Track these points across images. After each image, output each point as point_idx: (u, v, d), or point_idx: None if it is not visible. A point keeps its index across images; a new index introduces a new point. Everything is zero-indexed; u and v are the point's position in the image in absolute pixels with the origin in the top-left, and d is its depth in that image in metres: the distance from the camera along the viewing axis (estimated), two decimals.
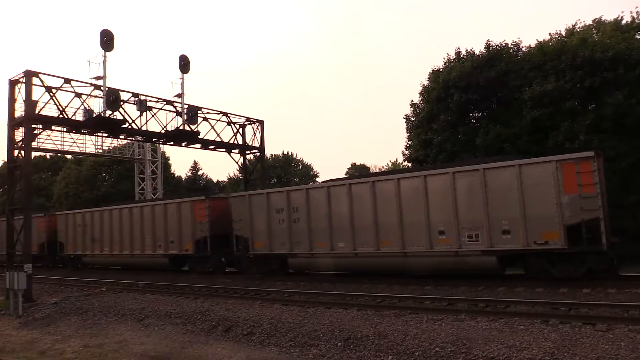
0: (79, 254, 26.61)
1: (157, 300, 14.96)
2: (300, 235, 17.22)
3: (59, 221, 28.08)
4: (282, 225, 17.74)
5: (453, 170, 14.18)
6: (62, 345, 11.36)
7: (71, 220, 27.28)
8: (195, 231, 20.57)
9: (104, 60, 18.62)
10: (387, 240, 15.28)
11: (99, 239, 25.26)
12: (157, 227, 22.27)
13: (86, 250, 26.09)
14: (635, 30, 22.47)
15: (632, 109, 18.99)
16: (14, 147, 17.84)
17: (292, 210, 17.45)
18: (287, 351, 9.41)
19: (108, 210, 25.26)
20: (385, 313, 10.84)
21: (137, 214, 23.46)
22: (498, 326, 9.02)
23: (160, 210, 22.27)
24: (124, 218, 24.16)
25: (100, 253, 25.26)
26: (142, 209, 23.28)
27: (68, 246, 27.28)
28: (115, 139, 28.87)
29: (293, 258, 17.57)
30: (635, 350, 7.21)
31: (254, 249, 18.53)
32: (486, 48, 23.74)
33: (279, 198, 18.03)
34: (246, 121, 25.56)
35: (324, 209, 16.66)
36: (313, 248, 16.86)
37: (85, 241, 26.09)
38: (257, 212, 18.56)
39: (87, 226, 26.03)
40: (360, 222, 15.82)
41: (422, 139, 24.89)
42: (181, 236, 21.16)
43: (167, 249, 21.77)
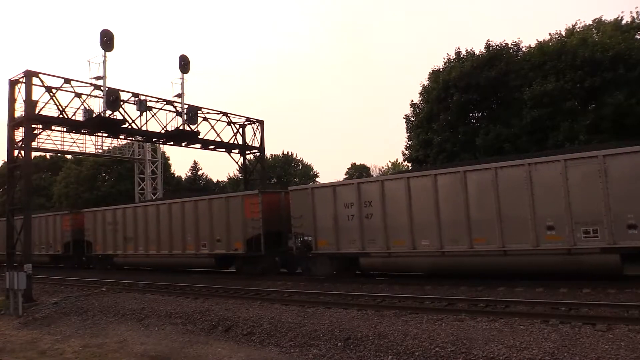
0: (109, 254, 24.80)
1: (157, 300, 14.96)
2: (375, 232, 15.59)
3: (86, 219, 26.24)
4: (351, 222, 16.11)
5: (565, 158, 12.66)
6: (62, 345, 11.35)
7: (100, 217, 25.35)
8: (247, 229, 18.76)
9: (104, 60, 18.60)
10: (481, 237, 13.65)
11: (132, 237, 23.46)
12: (201, 224, 20.49)
13: (117, 250, 24.25)
14: (635, 30, 22.50)
15: (632, 109, 19.02)
16: (14, 147, 17.83)
17: (364, 204, 15.84)
18: (287, 351, 9.41)
19: (143, 207, 23.63)
20: (385, 313, 10.83)
21: (177, 211, 21.57)
22: (498, 326, 9.02)
23: (204, 207, 20.50)
24: (161, 215, 22.25)
25: (134, 253, 23.46)
26: (184, 205, 21.43)
27: (97, 246, 25.43)
28: (115, 139, 28.83)
29: (365, 258, 15.94)
30: (635, 350, 7.21)
31: (318, 248, 16.88)
32: (486, 48, 23.77)
33: (347, 191, 16.40)
34: (246, 121, 25.55)
35: (403, 202, 15.03)
36: (390, 246, 15.25)
37: (117, 240, 24.21)
38: (321, 208, 16.93)
39: (119, 224, 24.15)
40: (448, 217, 14.20)
41: (422, 139, 24.93)
42: (229, 234, 19.36)
43: (212, 248, 20.02)
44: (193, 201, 21.18)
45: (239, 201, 19.34)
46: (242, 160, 26.38)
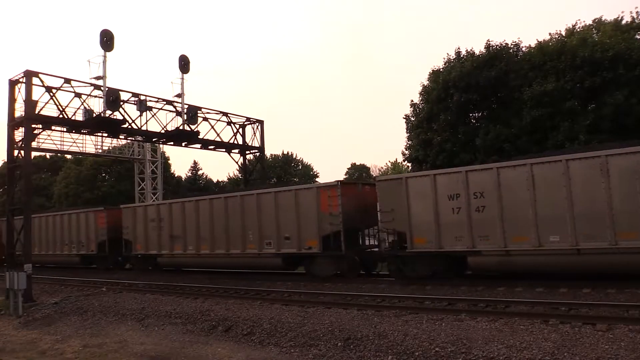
0: (152, 253, 22.48)
1: (157, 300, 14.96)
2: (487, 227, 13.68)
3: (124, 216, 23.90)
4: (457, 216, 14.23)
5: None
6: (62, 345, 11.35)
7: (141, 214, 23.01)
8: (323, 225, 16.64)
9: (104, 60, 18.62)
10: (630, 231, 11.69)
11: (180, 236, 21.13)
12: (265, 220, 18.25)
13: (162, 250, 21.92)
14: (635, 30, 22.51)
15: (632, 109, 19.02)
16: (14, 147, 17.84)
17: (474, 195, 13.95)
18: (287, 351, 9.40)
19: (193, 202, 21.05)
20: (385, 313, 10.83)
21: (235, 205, 19.29)
22: (498, 326, 9.02)
23: (268, 200, 18.27)
24: (215, 210, 19.91)
25: (183, 253, 21.11)
26: (243, 199, 19.07)
27: (137, 245, 23.08)
28: (115, 139, 28.88)
29: (476, 256, 14.01)
30: (635, 350, 7.21)
31: (414, 246, 14.85)
32: (486, 48, 23.78)
33: (451, 181, 14.45)
34: (246, 121, 25.56)
35: (524, 193, 13.14)
36: (507, 244, 13.40)
37: (162, 239, 21.86)
38: (417, 200, 14.92)
39: (164, 221, 21.80)
40: (584, 209, 12.31)
41: (422, 139, 24.93)
42: (301, 231, 17.22)
43: (279, 247, 17.82)
44: (255, 195, 18.80)
45: (313, 194, 17.15)
46: (242, 160, 26.39)
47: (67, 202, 43.87)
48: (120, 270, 25.18)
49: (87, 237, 25.72)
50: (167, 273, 22.22)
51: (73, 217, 26.79)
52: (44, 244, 28.71)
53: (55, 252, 27.86)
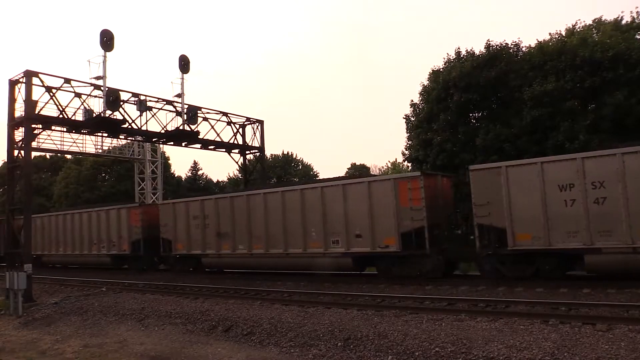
0: (195, 254, 20.78)
1: (157, 300, 14.97)
2: (610, 221, 11.96)
3: (162, 213, 22.26)
4: (570, 209, 12.54)
5: None
6: (62, 345, 11.36)
7: (182, 211, 21.24)
8: (402, 220, 15.00)
9: (104, 60, 18.64)
10: None
11: (229, 233, 19.37)
12: (331, 216, 16.57)
13: (208, 249, 20.22)
14: (635, 30, 22.49)
15: (632, 109, 19.00)
16: (14, 147, 17.85)
17: (592, 185, 12.17)
18: (287, 351, 9.41)
19: (244, 196, 19.16)
20: (385, 313, 10.84)
21: (293, 200, 17.51)
22: (498, 326, 9.02)
23: (335, 194, 16.53)
24: (270, 205, 18.18)
25: (231, 253, 19.37)
26: (303, 193, 17.33)
27: (177, 244, 21.34)
28: (115, 139, 28.89)
29: (595, 255, 12.21)
30: (635, 350, 7.21)
31: (516, 243, 13.28)
32: (486, 48, 23.75)
33: (562, 169, 12.74)
34: (246, 121, 25.57)
35: None
36: (637, 240, 11.56)
37: (207, 237, 20.20)
38: (519, 191, 13.32)
39: (209, 217, 20.15)
40: None
41: (422, 139, 24.90)
42: (375, 228, 15.59)
43: (349, 245, 16.09)
44: (320, 188, 17.01)
45: (389, 186, 15.44)
46: (242, 160, 26.40)
47: (67, 202, 43.89)
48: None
49: (119, 236, 23.95)
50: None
51: (103, 215, 25.08)
52: (69, 244, 27.26)
53: (82, 252, 26.21)
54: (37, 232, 27.66)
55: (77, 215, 26.99)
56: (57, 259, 29.16)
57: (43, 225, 29.26)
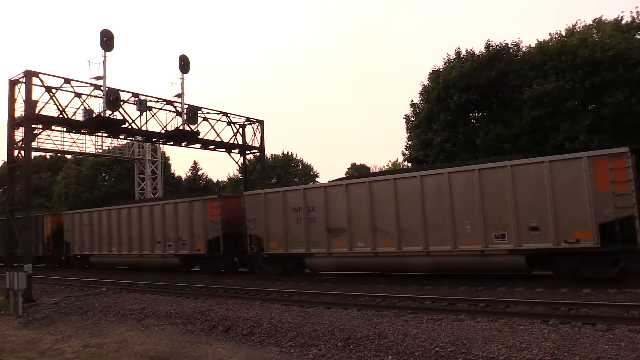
0: (296, 253, 17.74)
1: (157, 300, 14.96)
2: None
3: (248, 205, 19.21)
4: None
5: None
6: (62, 345, 11.35)
7: (277, 202, 18.24)
8: (601, 208, 12.19)
9: (104, 60, 18.61)
10: None
11: (344, 228, 16.50)
12: (491, 201, 13.73)
13: (313, 247, 17.20)
14: (635, 30, 22.51)
15: (632, 109, 19.02)
16: (14, 147, 17.84)
17: None
18: (287, 351, 9.40)
19: (365, 183, 16.10)
20: (385, 313, 10.83)
21: (436, 186, 14.67)
22: (498, 326, 9.02)
23: (499, 177, 13.62)
24: (403, 194, 15.23)
25: (348, 251, 16.34)
26: (450, 178, 14.44)
27: (270, 242, 18.45)
28: (115, 139, 28.89)
29: None
30: (635, 350, 7.21)
31: None
32: (486, 48, 23.78)
33: None
34: (246, 121, 25.57)
35: None
36: None
37: (313, 233, 17.23)
38: None
39: (316, 210, 17.15)
40: None
41: (422, 139, 24.93)
42: (558, 217, 12.75)
43: (520, 241, 13.32)
44: (476, 170, 14.06)
45: (578, 166, 12.53)
46: (242, 160, 26.40)
47: (67, 202, 43.88)
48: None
49: (191, 234, 20.78)
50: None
51: (169, 209, 21.91)
52: (125, 243, 23.92)
53: (142, 252, 23.03)
54: (83, 230, 26.45)
55: (136, 210, 23.63)
56: (110, 260, 25.69)
57: (92, 222, 25.97)
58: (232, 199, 21.05)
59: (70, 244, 27.39)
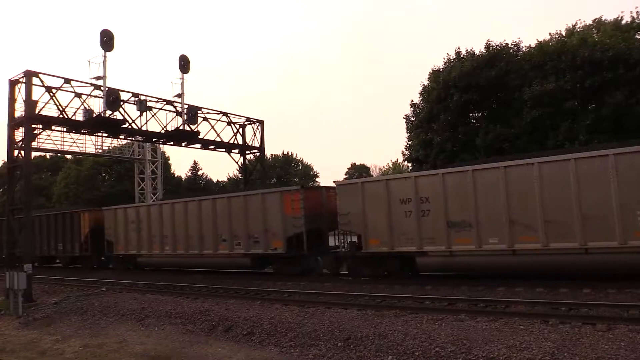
0: (406, 250, 15.09)
1: (157, 300, 14.96)
2: None
3: (341, 197, 16.49)
4: None
5: None
6: (62, 345, 11.35)
7: (378, 193, 15.60)
8: None
9: (104, 60, 18.61)
10: None
11: (469, 223, 13.94)
12: None
13: (428, 244, 14.66)
14: (635, 30, 22.51)
15: (632, 109, 19.03)
16: (14, 147, 17.83)
17: None
18: (287, 351, 9.40)
19: (500, 169, 13.65)
20: (385, 313, 10.83)
21: (591, 171, 12.28)
22: (498, 326, 9.02)
23: None
24: (549, 180, 12.80)
25: (476, 249, 13.92)
26: (618, 160, 11.95)
27: (370, 239, 15.76)
28: (115, 139, 28.87)
29: None
30: (635, 350, 7.21)
31: None
32: (486, 48, 23.79)
33: None
34: (246, 121, 25.57)
35: None
36: None
37: (424, 229, 14.69)
38: None
39: (430, 201, 14.64)
40: None
41: (422, 139, 24.95)
42: None
43: None
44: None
45: None
46: (242, 160, 26.40)
47: (67, 202, 43.88)
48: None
49: (265, 230, 18.30)
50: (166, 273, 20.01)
51: (237, 203, 19.35)
52: (181, 241, 21.17)
53: (202, 251, 20.38)
54: (129, 227, 23.61)
55: (194, 205, 20.96)
56: (161, 261, 22.90)
57: (139, 218, 23.16)
58: (313, 191, 19.19)
59: (112, 242, 24.37)
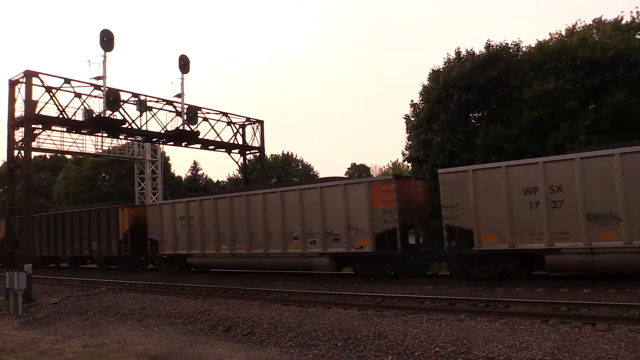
0: (533, 248, 13.14)
1: (157, 300, 14.96)
2: None
3: (444, 186, 14.73)
4: None
5: None
6: (62, 345, 11.36)
7: (494, 181, 13.79)
8: None
9: (104, 60, 18.65)
10: None
11: (616, 215, 11.97)
12: None
13: (562, 240, 12.68)
14: (635, 30, 22.48)
15: (632, 109, 19.00)
16: (14, 147, 17.85)
17: None
18: (287, 351, 9.41)
19: None
20: (385, 313, 10.83)
21: None
22: (498, 326, 9.02)
23: None
24: None
25: (625, 245, 11.81)
26: None
27: (484, 235, 13.85)
28: (115, 139, 28.86)
29: None
30: (635, 350, 7.21)
31: None
32: (486, 48, 23.76)
33: None
34: (246, 121, 25.58)
35: None
36: None
37: (555, 222, 12.74)
38: None
39: (563, 191, 12.69)
40: None
41: (422, 139, 24.90)
42: None
43: None
44: None
45: None
46: (242, 160, 26.42)
47: (67, 202, 43.85)
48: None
49: (348, 226, 16.09)
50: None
51: (311, 196, 17.10)
52: (242, 239, 18.81)
53: (268, 251, 18.19)
54: (177, 224, 21.24)
55: (258, 198, 18.64)
56: (217, 261, 20.47)
57: (189, 214, 20.80)
58: (404, 181, 16.74)
59: (157, 241, 22.35)
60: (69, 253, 26.55)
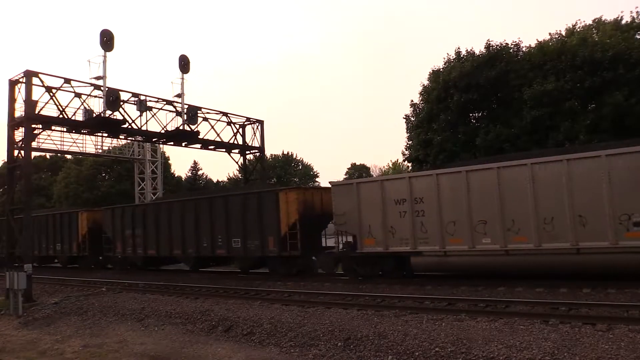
0: None
1: (157, 300, 14.95)
2: None
3: None
4: None
5: None
6: (62, 345, 11.35)
7: None
8: None
9: (104, 60, 18.63)
10: None
11: None
12: None
13: None
14: (635, 30, 22.49)
15: (632, 109, 19.02)
16: (14, 147, 17.84)
17: None
18: (287, 351, 9.40)
19: None
20: (385, 313, 10.83)
21: None
22: (498, 326, 9.01)
23: None
24: None
25: None
26: None
27: None
28: (115, 139, 28.87)
29: None
30: (635, 350, 7.21)
31: None
32: (486, 48, 23.78)
33: None
34: (246, 121, 25.57)
35: None
36: None
37: None
38: None
39: None
40: None
41: (422, 139, 24.93)
42: None
43: None
44: None
45: None
46: (242, 160, 26.40)
47: (67, 202, 43.83)
48: None
49: None
50: None
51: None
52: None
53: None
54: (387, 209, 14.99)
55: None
56: (472, 261, 13.83)
57: (412, 196, 14.56)
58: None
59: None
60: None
